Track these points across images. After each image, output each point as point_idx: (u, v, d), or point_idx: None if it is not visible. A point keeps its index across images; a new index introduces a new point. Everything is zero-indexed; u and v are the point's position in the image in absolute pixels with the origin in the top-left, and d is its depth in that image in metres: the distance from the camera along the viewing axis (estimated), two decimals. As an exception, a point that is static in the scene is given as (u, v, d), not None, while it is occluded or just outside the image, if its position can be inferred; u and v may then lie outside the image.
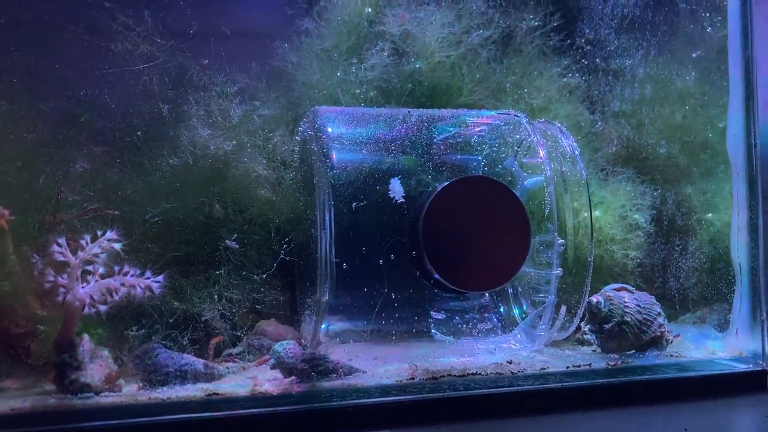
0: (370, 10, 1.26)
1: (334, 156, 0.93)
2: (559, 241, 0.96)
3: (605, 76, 1.34)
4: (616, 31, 1.34)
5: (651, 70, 1.32)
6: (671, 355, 1.04)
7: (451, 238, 0.90)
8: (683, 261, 1.19)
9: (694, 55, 1.31)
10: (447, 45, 1.23)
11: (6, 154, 0.88)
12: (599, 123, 1.30)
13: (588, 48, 1.35)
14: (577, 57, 1.33)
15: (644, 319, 1.01)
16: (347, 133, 0.96)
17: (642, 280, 1.22)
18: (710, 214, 1.20)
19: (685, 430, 0.83)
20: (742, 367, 1.02)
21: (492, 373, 0.93)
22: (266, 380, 0.88)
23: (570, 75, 1.29)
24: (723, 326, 1.11)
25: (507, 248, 0.92)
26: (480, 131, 1.02)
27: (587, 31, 1.36)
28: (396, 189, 0.91)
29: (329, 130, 0.95)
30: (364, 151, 0.94)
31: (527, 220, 0.92)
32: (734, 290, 1.06)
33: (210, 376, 0.89)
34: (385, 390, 0.88)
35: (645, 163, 1.28)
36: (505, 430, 0.86)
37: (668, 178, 1.24)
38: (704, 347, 1.08)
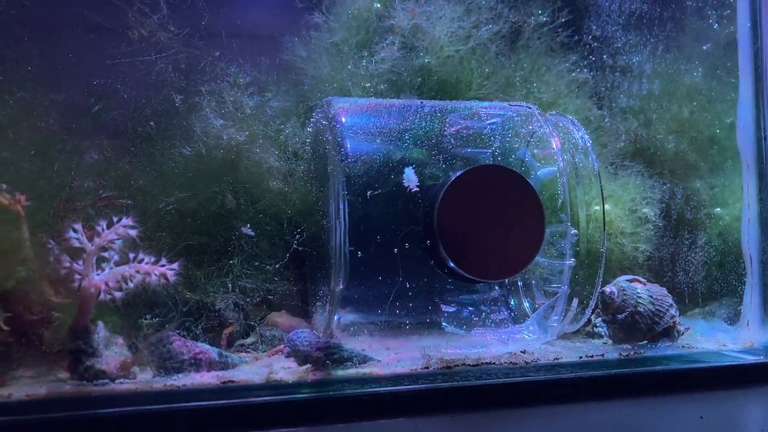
0: (379, 5, 1.27)
1: (348, 145, 0.93)
2: (572, 232, 0.96)
3: (613, 72, 1.35)
4: (623, 28, 1.35)
5: (659, 66, 1.33)
6: (683, 347, 1.04)
7: (465, 227, 0.90)
8: (692, 255, 1.19)
9: (701, 49, 1.31)
10: (456, 39, 1.24)
11: (21, 142, 0.88)
12: (607, 118, 1.30)
13: (596, 44, 1.36)
14: (586, 53, 1.34)
15: (657, 310, 1.01)
16: (361, 123, 0.96)
17: (651, 273, 1.22)
18: (719, 209, 1.20)
19: (701, 417, 0.83)
20: (752, 359, 1.02)
21: (506, 362, 0.93)
22: (281, 368, 0.88)
23: (578, 71, 1.30)
24: (733, 319, 1.11)
25: (521, 237, 0.92)
26: (492, 122, 1.03)
27: (595, 27, 1.37)
28: (410, 178, 0.91)
29: (343, 120, 0.95)
30: (377, 141, 0.95)
31: (541, 209, 0.92)
32: (745, 282, 1.06)
33: (224, 365, 0.89)
34: (400, 379, 0.88)
35: (653, 158, 1.28)
36: (519, 419, 0.85)
37: (677, 173, 1.25)
38: (715, 339, 1.08)
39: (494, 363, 0.93)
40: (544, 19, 1.30)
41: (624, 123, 1.30)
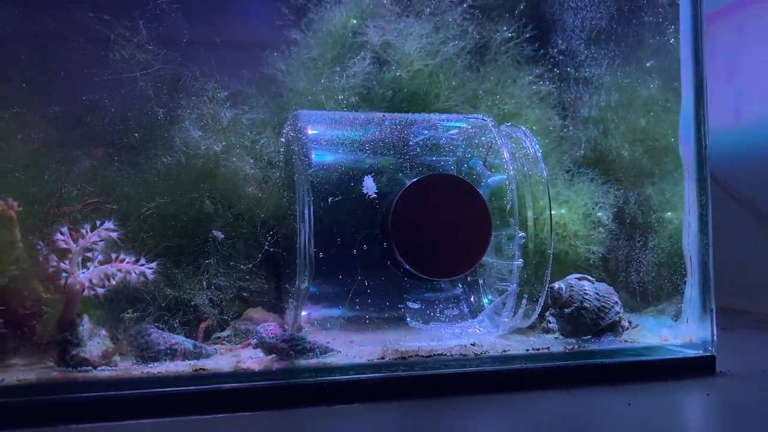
0: (355, 21, 1.36)
1: (313, 155, 1.02)
2: (520, 234, 1.04)
3: (576, 84, 1.43)
4: (586, 42, 1.43)
5: (618, 79, 1.41)
6: (626, 341, 1.12)
7: (417, 230, 0.98)
8: (643, 256, 1.27)
9: (659, 62, 1.39)
10: (425, 54, 1.32)
11: (15, 152, 0.97)
12: (568, 127, 1.38)
13: (561, 57, 1.44)
14: (549, 66, 1.42)
15: (602, 306, 1.09)
16: (325, 135, 1.05)
17: (606, 274, 1.30)
18: (669, 213, 1.28)
19: (629, 404, 0.91)
20: (691, 353, 1.10)
21: (456, 354, 1.01)
22: (249, 358, 0.97)
23: (541, 83, 1.38)
24: (678, 316, 1.19)
25: (470, 240, 1.00)
26: (449, 134, 1.11)
27: (560, 41, 1.45)
28: (369, 186, 1.00)
29: (309, 131, 1.04)
30: (340, 151, 1.03)
31: (488, 214, 1.01)
32: (685, 282, 1.13)
33: (198, 355, 0.98)
34: (357, 368, 0.97)
35: (612, 164, 1.36)
36: (467, 406, 0.93)
37: (632, 179, 1.33)
38: (659, 335, 1.16)
39: (446, 354, 1.01)
40: (510, 34, 1.38)
41: (585, 132, 1.38)
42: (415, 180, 0.99)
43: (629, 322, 1.23)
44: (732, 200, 1.80)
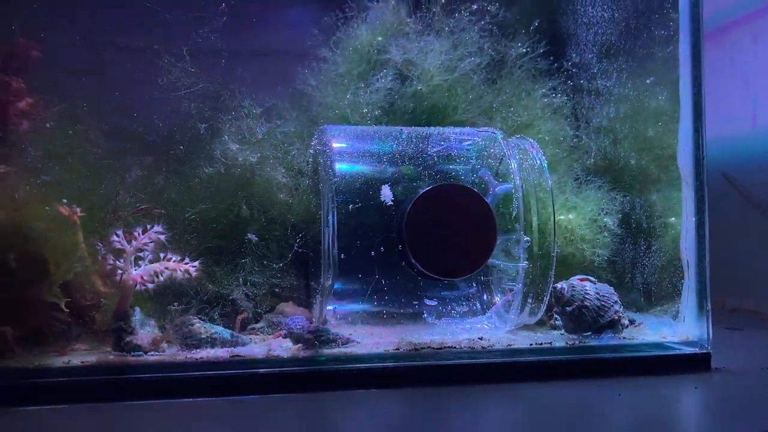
0: (380, 38, 1.47)
1: (337, 166, 1.14)
2: (525, 239, 1.14)
3: (588, 96, 1.51)
4: (598, 56, 1.51)
5: (629, 91, 1.49)
6: (624, 338, 1.21)
7: (429, 234, 1.09)
8: (647, 258, 1.35)
9: (669, 75, 1.46)
10: (444, 70, 1.43)
11: (77, 165, 1.11)
12: (578, 138, 1.47)
13: (574, 70, 1.53)
14: (563, 79, 1.51)
15: (602, 305, 1.19)
16: (348, 148, 1.17)
17: (614, 275, 1.39)
18: (673, 218, 1.36)
19: (619, 394, 1.00)
20: (687, 350, 1.18)
21: (465, 347, 1.12)
22: (279, 347, 1.09)
23: (554, 95, 1.47)
24: (677, 316, 1.27)
25: (477, 243, 1.11)
26: (462, 146, 1.22)
27: (574, 55, 1.54)
28: (386, 194, 1.11)
29: (333, 145, 1.16)
30: (361, 163, 1.15)
31: (493, 221, 1.11)
32: (683, 284, 1.22)
33: (235, 343, 1.11)
34: (375, 358, 1.08)
35: (620, 172, 1.45)
36: (472, 394, 1.04)
37: (638, 186, 1.41)
38: (659, 333, 1.25)
39: (455, 347, 1.12)
40: (524, 50, 1.48)
41: (595, 141, 1.47)
42: (426, 189, 1.10)
43: (632, 321, 1.32)
44: (748, 204, 1.86)
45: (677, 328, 1.23)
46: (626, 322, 1.22)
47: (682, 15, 1.22)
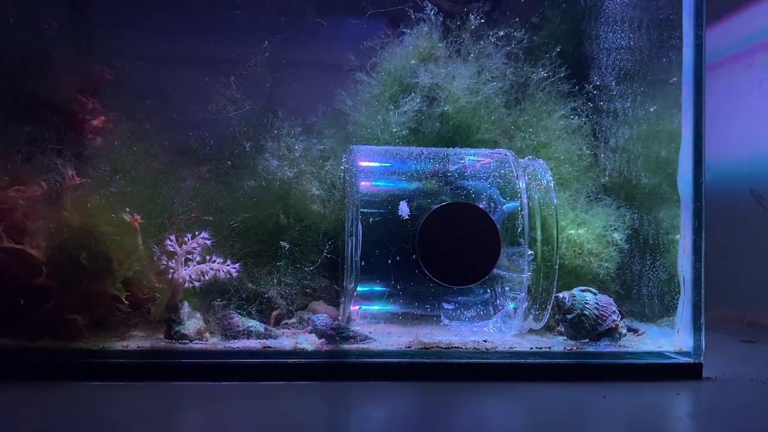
0: (414, 61, 1.61)
1: (361, 183, 1.28)
2: (528, 252, 1.26)
3: (606, 117, 1.61)
4: (616, 80, 1.60)
5: (645, 113, 1.57)
6: (621, 346, 1.31)
7: (438, 246, 1.23)
8: (653, 272, 1.44)
9: (661, 104, 1.53)
10: (469, 93, 1.55)
11: (139, 177, 1.30)
12: (595, 156, 1.57)
13: (593, 93, 1.63)
14: (583, 101, 1.61)
15: (600, 314, 1.29)
16: (372, 167, 1.32)
17: (622, 287, 1.49)
18: (678, 235, 1.44)
19: (604, 396, 1.11)
20: (680, 359, 1.28)
21: (470, 348, 1.25)
22: (305, 340, 1.25)
23: (572, 117, 1.57)
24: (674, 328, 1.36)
25: (482, 255, 1.24)
26: (475, 166, 1.34)
27: (596, 78, 1.64)
28: (403, 209, 1.25)
29: (360, 164, 1.31)
30: (383, 180, 1.29)
31: (498, 236, 1.23)
32: (678, 298, 1.31)
33: (268, 336, 1.27)
34: (388, 354, 1.23)
35: (633, 190, 1.54)
36: (473, 390, 1.16)
37: (649, 204, 1.50)
38: (657, 343, 1.34)
39: (461, 347, 1.25)
40: (545, 74, 1.59)
41: (611, 161, 1.57)
42: (437, 206, 1.23)
43: (635, 330, 1.42)
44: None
45: (673, 338, 1.32)
46: (624, 331, 1.32)
47: (685, 46, 1.30)
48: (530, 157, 1.39)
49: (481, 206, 1.28)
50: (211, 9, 1.61)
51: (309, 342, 1.24)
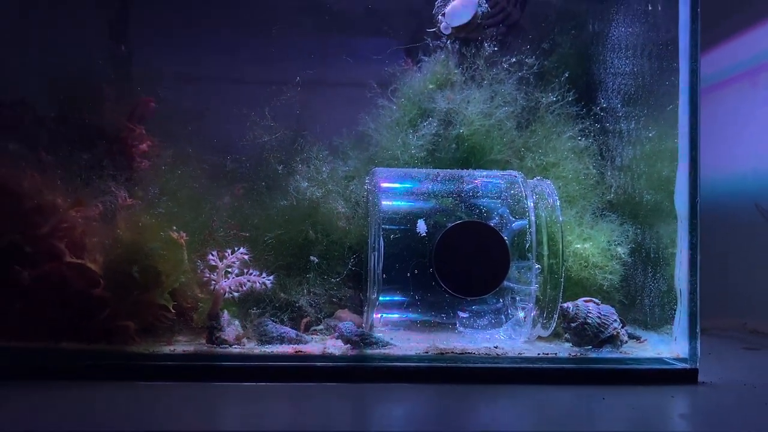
0: (432, 86, 1.73)
1: (382, 203, 1.41)
2: (536, 266, 1.38)
3: (612, 138, 1.72)
4: (622, 102, 1.71)
5: (647, 134, 1.68)
6: (623, 352, 1.42)
7: (452, 260, 1.35)
8: (654, 283, 1.55)
9: (663, 125, 1.63)
10: (482, 116, 1.67)
11: (183, 199, 1.44)
12: (602, 175, 1.68)
13: (601, 114, 1.74)
14: (591, 122, 1.72)
15: (602, 322, 1.40)
16: (393, 187, 1.45)
17: (626, 297, 1.60)
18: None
19: (603, 398, 1.23)
20: (677, 365, 1.38)
21: (482, 353, 1.37)
22: (332, 345, 1.38)
23: (579, 138, 1.69)
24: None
25: (491, 270, 1.36)
26: (487, 187, 1.47)
27: (602, 101, 1.75)
28: (421, 227, 1.38)
29: (381, 185, 1.44)
30: (402, 200, 1.42)
31: (507, 252, 1.35)
32: (676, 308, 1.41)
33: (299, 341, 1.40)
34: (408, 359, 1.35)
35: (637, 206, 1.65)
36: (484, 391, 1.28)
37: (651, 220, 1.61)
38: (656, 350, 1.45)
39: (474, 353, 1.37)
40: (554, 98, 1.71)
41: (616, 179, 1.68)
42: (452, 225, 1.36)
43: (638, 337, 1.53)
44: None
45: (671, 346, 1.43)
46: (625, 338, 1.43)
47: (681, 72, 1.41)
48: (539, 177, 1.51)
49: (492, 224, 1.40)
50: (244, 37, 1.77)
51: (336, 347, 1.37)
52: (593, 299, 1.45)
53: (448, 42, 1.73)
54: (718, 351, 1.78)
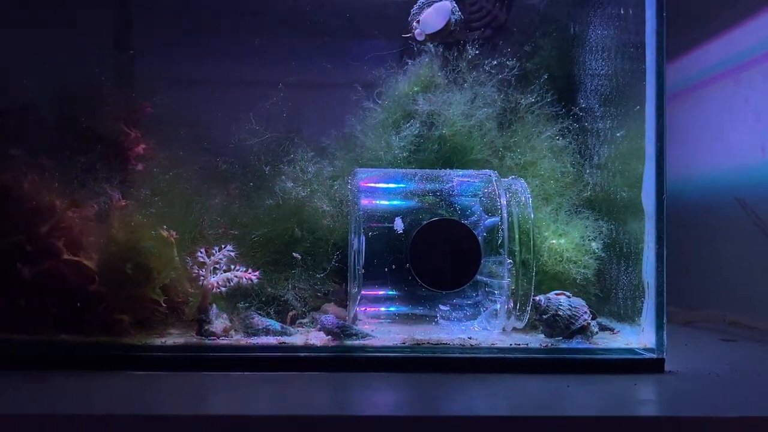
0: (417, 88, 1.81)
1: (362, 202, 1.49)
2: (508, 261, 1.45)
3: (590, 137, 1.78)
4: (600, 102, 1.77)
5: (625, 132, 1.73)
6: (593, 343, 1.49)
7: (427, 256, 1.43)
8: (626, 277, 1.61)
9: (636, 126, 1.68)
10: (463, 117, 1.74)
11: (174, 198, 1.52)
12: (580, 173, 1.75)
13: (580, 114, 1.80)
14: (570, 122, 1.78)
15: (573, 314, 1.47)
16: (372, 187, 1.52)
17: (601, 290, 1.66)
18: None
19: (568, 386, 1.29)
20: (645, 355, 1.44)
21: (456, 344, 1.44)
22: (315, 337, 1.46)
23: (557, 138, 1.75)
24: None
25: (464, 264, 1.43)
26: (463, 185, 1.54)
27: (580, 101, 1.81)
28: (398, 224, 1.45)
29: (361, 185, 1.51)
30: (381, 199, 1.50)
31: (479, 247, 1.42)
32: (643, 301, 1.48)
33: (283, 333, 1.48)
34: (386, 349, 1.42)
35: (612, 203, 1.71)
36: (458, 379, 1.34)
37: (624, 216, 1.66)
38: (626, 340, 1.52)
39: (448, 344, 1.44)
40: (532, 99, 1.77)
41: (593, 177, 1.74)
42: (426, 222, 1.43)
43: (611, 329, 1.60)
44: (757, 229, 2.05)
45: (640, 337, 1.49)
46: (596, 329, 1.49)
47: (648, 74, 1.47)
48: (513, 176, 1.58)
49: (468, 221, 1.47)
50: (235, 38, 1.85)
51: (318, 339, 1.45)
52: (565, 292, 1.51)
53: (432, 46, 1.80)
54: (695, 342, 1.84)
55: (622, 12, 1.66)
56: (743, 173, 2.12)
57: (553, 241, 1.61)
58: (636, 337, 1.51)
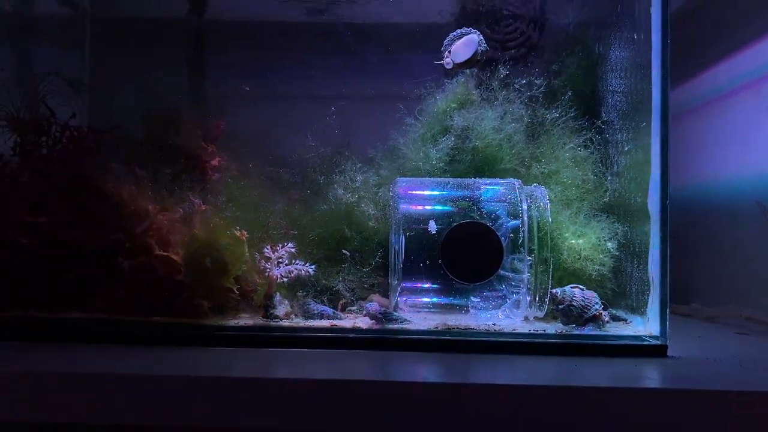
0: (454, 105, 2.04)
1: (401, 207, 1.74)
2: (528, 258, 1.67)
3: (610, 147, 1.98)
4: (619, 115, 1.97)
5: (641, 142, 1.92)
6: (603, 330, 1.69)
7: (456, 253, 1.66)
8: (638, 273, 1.80)
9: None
10: (494, 131, 1.97)
11: (246, 204, 1.81)
12: (600, 181, 1.95)
13: (602, 126, 2.00)
14: (593, 133, 1.99)
15: (586, 304, 1.68)
16: (410, 194, 1.77)
17: (616, 285, 1.86)
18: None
19: (575, 365, 1.51)
20: (651, 341, 1.64)
21: (482, 329, 1.67)
22: (360, 321, 1.72)
23: (579, 149, 1.95)
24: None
25: (489, 261, 1.66)
26: (490, 192, 1.77)
27: (604, 114, 2.01)
28: (432, 226, 1.69)
29: (400, 191, 1.76)
30: (417, 204, 1.74)
31: (501, 246, 1.65)
32: (649, 294, 1.67)
33: (335, 318, 1.74)
34: (421, 332, 1.67)
35: (629, 208, 1.90)
36: (483, 360, 1.57)
37: (638, 220, 1.85)
38: (634, 329, 1.71)
39: (475, 329, 1.67)
40: (557, 114, 1.98)
41: (612, 184, 1.94)
42: (456, 224, 1.67)
43: (624, 319, 1.80)
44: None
45: (647, 326, 1.69)
46: (607, 318, 1.69)
47: (653, 89, 1.66)
48: (536, 184, 1.80)
49: (492, 224, 1.70)
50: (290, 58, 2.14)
51: (364, 322, 1.71)
52: (579, 286, 1.72)
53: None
54: (709, 335, 2.01)
55: (635, 37, 1.86)
56: (764, 179, 2.27)
57: (573, 242, 1.82)
58: (643, 326, 1.70)
